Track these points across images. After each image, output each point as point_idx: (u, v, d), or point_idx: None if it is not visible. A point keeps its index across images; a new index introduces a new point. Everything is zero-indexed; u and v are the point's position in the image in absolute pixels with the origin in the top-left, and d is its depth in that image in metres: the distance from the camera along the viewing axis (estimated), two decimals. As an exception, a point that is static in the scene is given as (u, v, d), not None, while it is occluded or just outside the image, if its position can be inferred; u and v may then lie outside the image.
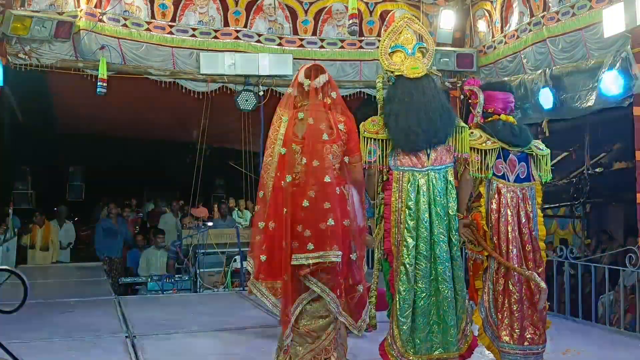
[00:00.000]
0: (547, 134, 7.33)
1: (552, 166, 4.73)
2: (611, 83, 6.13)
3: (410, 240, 4.10)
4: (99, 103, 8.46)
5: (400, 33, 4.32)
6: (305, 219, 3.68)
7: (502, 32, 8.22)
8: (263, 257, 3.75)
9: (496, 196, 4.49)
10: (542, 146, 4.70)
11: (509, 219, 4.46)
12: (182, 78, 8.21)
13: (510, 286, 4.43)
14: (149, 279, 8.38)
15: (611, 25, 6.13)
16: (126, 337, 5.51)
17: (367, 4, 8.81)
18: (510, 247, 4.43)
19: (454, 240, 4.20)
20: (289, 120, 3.83)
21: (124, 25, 7.94)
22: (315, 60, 8.14)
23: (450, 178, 4.24)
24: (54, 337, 5.45)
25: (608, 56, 6.29)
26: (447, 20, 8.63)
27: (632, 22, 5.86)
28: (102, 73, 7.64)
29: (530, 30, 7.57)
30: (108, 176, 14.02)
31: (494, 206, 4.48)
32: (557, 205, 11.62)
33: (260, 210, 3.85)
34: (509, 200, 4.50)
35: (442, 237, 4.15)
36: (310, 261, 3.66)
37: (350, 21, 7.81)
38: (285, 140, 3.79)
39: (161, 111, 10.19)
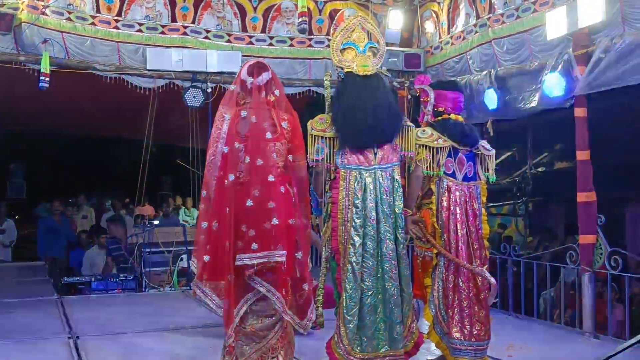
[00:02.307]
0: (491, 134, 7.43)
1: (496, 165, 4.80)
2: (554, 85, 6.24)
3: (357, 238, 4.11)
4: (42, 98, 8.21)
5: (352, 31, 4.33)
6: (250, 218, 3.63)
7: (448, 33, 8.30)
8: (206, 258, 3.69)
9: (446, 194, 4.53)
10: (489, 146, 4.78)
11: (459, 216, 4.52)
12: (127, 74, 8.01)
13: (461, 283, 4.48)
14: (93, 279, 8.18)
15: (554, 28, 6.24)
16: (69, 338, 5.39)
17: (316, 2, 8.77)
18: (460, 245, 4.48)
19: (400, 238, 4.23)
20: (231, 118, 3.77)
21: (68, 18, 7.70)
22: (264, 57, 8.05)
23: (397, 176, 4.26)
24: (-8, 339, 5.27)
25: (551, 58, 6.40)
26: (395, 20, 8.67)
27: (574, 25, 5.97)
28: (45, 67, 7.40)
29: (476, 32, 7.66)
30: (51, 173, 13.66)
31: (445, 204, 4.52)
32: (500, 203, 11.83)
33: (203, 209, 3.78)
34: (458, 198, 4.55)
35: (389, 235, 4.17)
36: (255, 261, 3.62)
37: (300, 19, 7.76)
38: (228, 139, 3.73)
39: (106, 107, 9.96)
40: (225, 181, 3.68)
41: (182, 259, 8.36)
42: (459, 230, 4.50)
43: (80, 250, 9.52)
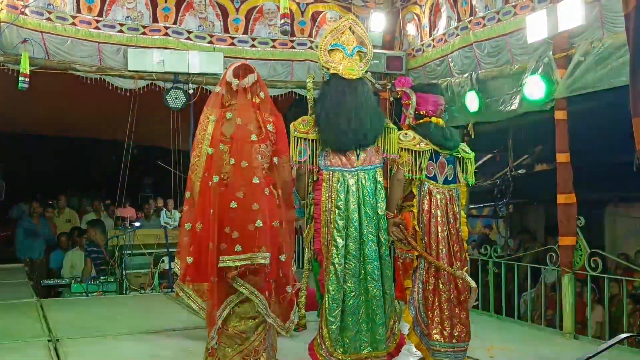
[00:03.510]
0: (472, 136, 7.49)
1: (477, 168, 4.85)
2: (534, 87, 6.30)
3: (339, 240, 4.13)
4: (21, 99, 8.13)
5: (342, 33, 4.34)
6: (233, 220, 3.63)
7: (430, 35, 8.36)
8: (190, 259, 3.68)
9: (427, 197, 4.56)
10: (468, 149, 4.82)
11: (440, 219, 4.55)
12: (108, 74, 7.97)
13: (441, 285, 4.50)
14: (73, 281, 8.11)
15: (534, 32, 6.31)
16: (48, 341, 5.34)
17: (298, 4, 8.79)
18: (441, 247, 4.51)
19: (382, 239, 4.25)
20: (216, 120, 3.77)
21: (48, 19, 7.64)
22: (246, 59, 8.05)
23: (379, 178, 4.28)
24: (-31, 343, 5.21)
25: (531, 61, 6.47)
26: (377, 22, 8.71)
27: (554, 29, 6.04)
28: (24, 68, 7.33)
29: (458, 35, 7.72)
30: (30, 174, 13.51)
31: (426, 206, 4.55)
32: (481, 205, 11.92)
33: (187, 211, 3.78)
34: (439, 201, 4.58)
35: (371, 236, 4.19)
36: (238, 263, 3.62)
37: (282, 21, 7.77)
38: (213, 140, 3.73)
39: (87, 108, 9.89)
40: (210, 182, 3.67)
41: (163, 261, 8.31)
42: (439, 233, 4.54)
43: (60, 252, 9.43)
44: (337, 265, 4.11)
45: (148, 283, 8.31)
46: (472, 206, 10.70)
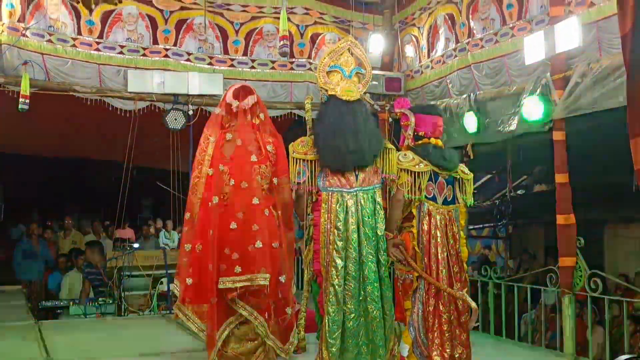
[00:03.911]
0: (471, 157, 7.50)
1: (475, 189, 4.86)
2: (532, 108, 6.31)
3: (339, 261, 4.11)
4: (21, 120, 8.15)
5: (341, 54, 4.37)
6: (233, 241, 3.63)
7: (428, 57, 8.41)
8: (189, 280, 3.67)
9: (427, 217, 4.56)
10: (467, 170, 4.83)
11: (439, 240, 4.54)
12: (108, 96, 8.00)
13: (441, 306, 4.49)
14: (71, 303, 8.07)
15: (532, 53, 6.34)
16: (46, 363, 5.29)
17: (297, 26, 8.86)
18: (440, 268, 4.50)
19: (382, 260, 4.23)
20: (216, 141, 3.79)
21: (49, 40, 7.69)
22: (246, 80, 8.09)
23: (378, 199, 4.28)
24: (-34, 366, 5.17)
25: (529, 82, 6.49)
26: (376, 44, 8.76)
27: (552, 50, 6.08)
28: (25, 89, 7.36)
29: (456, 56, 7.77)
30: (29, 196, 13.50)
31: (425, 227, 4.55)
32: (480, 226, 11.91)
33: (187, 232, 3.78)
34: (438, 221, 4.58)
35: (371, 257, 4.18)
36: (238, 284, 3.61)
37: (281, 42, 7.81)
38: (213, 161, 3.74)
39: (86, 129, 9.90)
40: (209, 203, 3.68)
41: (162, 283, 8.27)
42: (439, 254, 4.53)
43: (59, 274, 9.39)
44: (336, 287, 4.09)
45: (147, 305, 8.26)
46: (472, 227, 10.70)
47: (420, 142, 4.71)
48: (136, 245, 9.77)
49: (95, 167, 13.65)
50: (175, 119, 8.19)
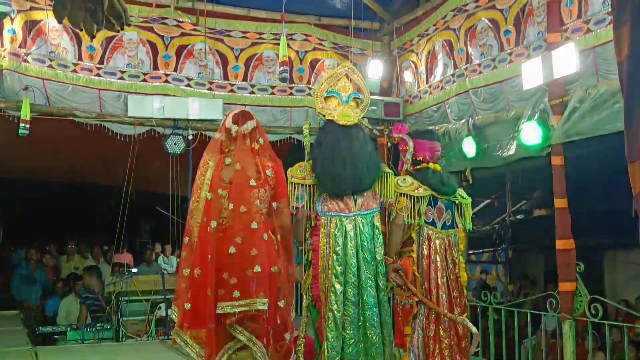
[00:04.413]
0: (470, 182, 7.51)
1: (474, 213, 4.87)
2: (531, 133, 6.33)
3: (338, 286, 4.10)
4: (21, 145, 8.17)
5: (338, 80, 4.41)
6: (232, 265, 3.62)
7: (427, 82, 8.45)
8: (187, 305, 3.65)
9: (426, 242, 4.56)
10: (465, 194, 4.84)
11: (439, 264, 4.54)
12: (108, 121, 8.03)
13: (441, 332, 4.47)
14: (69, 328, 8.00)
15: (530, 79, 6.37)
16: (42, 390, 5.23)
17: (297, 52, 8.93)
18: (440, 293, 4.49)
19: (381, 285, 4.22)
20: (215, 165, 3.80)
21: (50, 66, 7.74)
22: (245, 105, 8.12)
23: (377, 223, 4.28)
24: (-38, 392, 5.11)
25: (527, 108, 6.52)
26: (375, 70, 8.82)
27: (549, 75, 6.11)
28: (25, 114, 7.39)
29: (454, 82, 7.81)
30: (28, 220, 13.47)
31: (425, 252, 4.55)
32: (480, 251, 11.87)
33: (185, 256, 3.77)
34: (438, 246, 4.58)
35: (370, 282, 4.17)
36: (236, 309, 3.59)
37: (281, 68, 7.86)
38: (212, 185, 3.75)
39: (86, 154, 9.91)
40: (208, 228, 3.67)
41: (160, 308, 8.21)
42: (439, 279, 4.52)
43: (57, 299, 9.33)
44: (335, 312, 4.08)
45: (145, 330, 8.20)
46: (471, 252, 10.67)
47: (418, 167, 4.73)
48: (134, 270, 9.73)
49: (94, 192, 13.65)
50: (175, 144, 8.21)
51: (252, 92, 8.73)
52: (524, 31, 6.76)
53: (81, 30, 3.74)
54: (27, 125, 7.38)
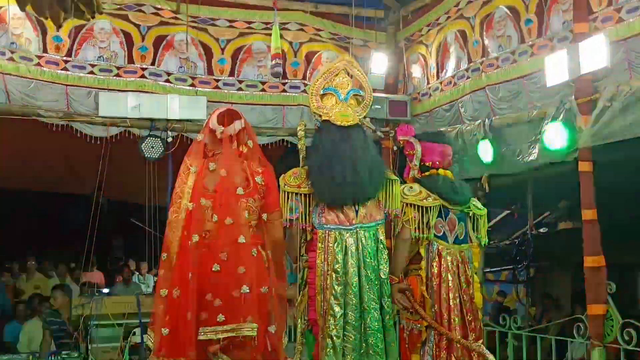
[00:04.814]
0: (487, 190, 7.51)
1: (492, 226, 4.87)
2: (555, 136, 6.34)
3: (337, 308, 4.10)
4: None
5: (336, 75, 4.42)
6: (216, 285, 3.61)
7: (437, 78, 8.47)
8: (165, 331, 3.64)
9: (437, 259, 4.55)
10: (480, 205, 4.84)
11: (451, 284, 4.53)
12: (77, 121, 8.01)
13: (454, 360, 4.46)
14: (30, 357, 7.98)
15: (554, 74, 6.39)
16: None
17: (291, 43, 8.93)
18: (453, 316, 4.48)
19: (386, 307, 4.22)
20: (198, 172, 3.80)
21: (10, 59, 7.72)
22: (232, 104, 8.12)
23: (381, 237, 4.28)
24: None
25: (551, 107, 6.53)
26: (379, 64, 8.82)
27: (576, 71, 6.12)
28: (-18, 113, 7.41)
29: (468, 77, 7.82)
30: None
31: (435, 270, 4.54)
32: (498, 269, 11.86)
33: (163, 275, 3.76)
34: (449, 263, 4.58)
35: (374, 304, 4.17)
36: (221, 335, 3.58)
37: (273, 62, 7.88)
38: (194, 194, 3.74)
39: (51, 158, 9.89)
40: (189, 242, 3.67)
41: (134, 333, 8.20)
42: (451, 300, 4.52)
43: (17, 324, 9.31)
44: (334, 338, 4.07)
45: (117, 359, 8.19)
46: (488, 270, 10.66)
47: (427, 173, 4.74)
48: (106, 290, 9.71)
49: (60, 202, 13.62)
50: (152, 147, 8.21)
51: (240, 89, 8.74)
52: (548, 20, 6.78)
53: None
54: (-16, 126, 7.37)
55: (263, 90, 8.82)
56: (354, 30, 9.08)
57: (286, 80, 8.88)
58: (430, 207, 4.55)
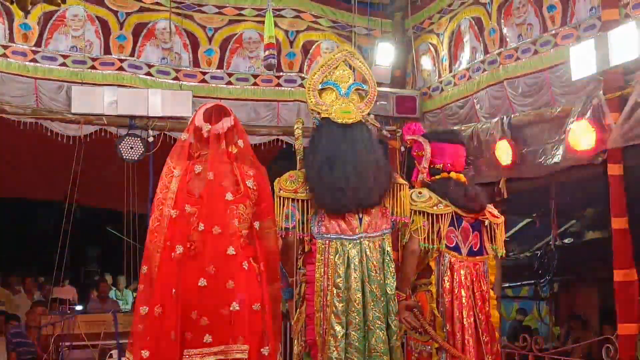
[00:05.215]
0: (505, 196, 7.51)
1: (510, 236, 4.87)
2: (581, 135, 6.34)
3: (338, 328, 4.11)
4: None
5: (335, 68, 4.43)
6: (202, 302, 3.61)
7: (450, 71, 8.48)
8: (145, 353, 3.63)
9: (449, 273, 4.56)
10: (496, 212, 4.83)
11: (464, 301, 4.54)
12: (47, 118, 8.02)
13: (468, 386, 4.47)
14: (-6, 382, 8.00)
15: (580, 67, 6.39)
16: None
17: (286, 32, 8.93)
18: (467, 337, 4.49)
19: (393, 327, 4.23)
20: (182, 175, 3.80)
21: (-28, 49, 7.78)
22: (220, 99, 8.13)
23: (388, 248, 4.28)
24: None
25: (577, 103, 6.54)
26: (385, 55, 8.83)
27: (605, 63, 6.13)
28: (-60, 110, 7.43)
29: (485, 70, 7.83)
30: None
31: (447, 285, 4.55)
32: (518, 284, 11.87)
33: (143, 290, 3.75)
34: (463, 277, 4.58)
35: (379, 323, 4.17)
36: (208, 358, 3.58)
37: (267, 52, 7.88)
38: (177, 200, 3.74)
39: (18, 160, 9.90)
40: (172, 254, 3.67)
41: (111, 356, 8.21)
42: (464, 319, 4.52)
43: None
44: (335, 362, 4.08)
45: (92, 384, 8.20)
46: (507, 285, 10.66)
47: (437, 176, 4.74)
48: (79, 307, 9.71)
49: (28, 208, 13.65)
50: (131, 148, 8.22)
51: (230, 83, 8.76)
52: (573, 6, 6.80)
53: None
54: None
55: (255, 84, 8.83)
56: (356, 17, 9.09)
57: (281, 73, 8.89)
58: (441, 215, 4.56)
